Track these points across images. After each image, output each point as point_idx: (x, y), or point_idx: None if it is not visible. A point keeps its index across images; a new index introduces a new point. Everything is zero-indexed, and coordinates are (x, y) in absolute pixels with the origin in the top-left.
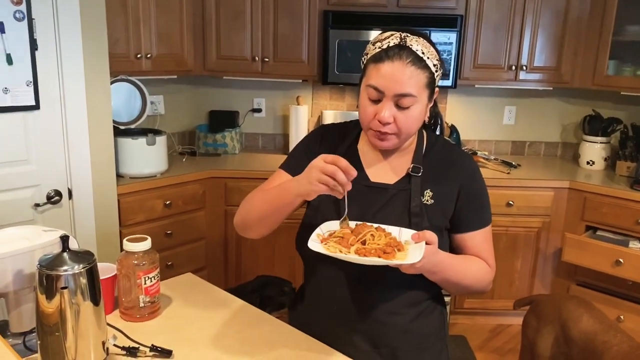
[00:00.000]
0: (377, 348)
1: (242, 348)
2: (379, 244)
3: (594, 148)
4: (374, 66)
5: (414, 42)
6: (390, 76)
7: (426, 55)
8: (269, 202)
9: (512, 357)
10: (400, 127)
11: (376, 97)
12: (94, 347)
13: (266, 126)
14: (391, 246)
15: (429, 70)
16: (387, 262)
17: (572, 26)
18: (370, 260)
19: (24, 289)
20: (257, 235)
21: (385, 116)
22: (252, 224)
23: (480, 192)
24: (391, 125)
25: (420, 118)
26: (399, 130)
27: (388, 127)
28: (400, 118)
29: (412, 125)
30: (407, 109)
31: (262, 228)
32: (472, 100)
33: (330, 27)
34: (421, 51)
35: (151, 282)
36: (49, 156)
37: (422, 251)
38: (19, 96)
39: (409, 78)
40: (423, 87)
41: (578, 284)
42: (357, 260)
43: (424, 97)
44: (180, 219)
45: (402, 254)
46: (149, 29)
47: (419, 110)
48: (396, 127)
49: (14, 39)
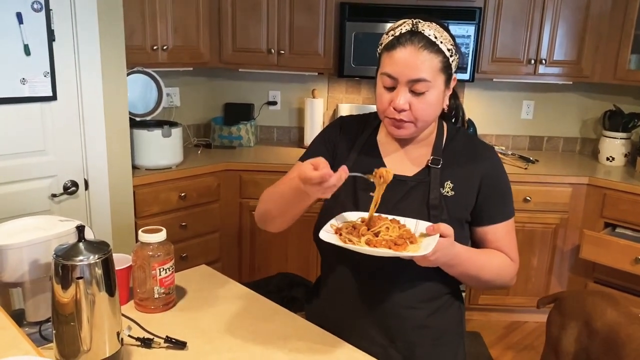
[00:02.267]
0: (393, 342)
1: (256, 341)
2: (391, 236)
3: (614, 144)
4: (387, 54)
5: (426, 27)
6: (403, 62)
7: (439, 40)
8: (285, 197)
9: (527, 354)
10: (416, 113)
11: (390, 84)
12: (109, 337)
13: (281, 119)
14: (403, 238)
15: (442, 55)
16: (397, 254)
17: (593, 19)
18: (380, 251)
19: (40, 279)
20: (277, 229)
21: (400, 103)
22: (271, 218)
23: (502, 183)
24: (407, 113)
25: (437, 105)
26: (415, 117)
27: (404, 115)
28: (415, 104)
29: (428, 112)
30: (422, 95)
31: (282, 222)
32: (489, 94)
33: (347, 19)
34: (433, 35)
35: (166, 273)
36: (65, 147)
37: (434, 244)
38: (36, 87)
39: (422, 62)
40: (437, 71)
41: (595, 281)
42: (367, 251)
43: (439, 82)
44: (195, 211)
45: (414, 246)
46: (165, 20)
47: (434, 96)
48: (412, 114)
49: (32, 29)
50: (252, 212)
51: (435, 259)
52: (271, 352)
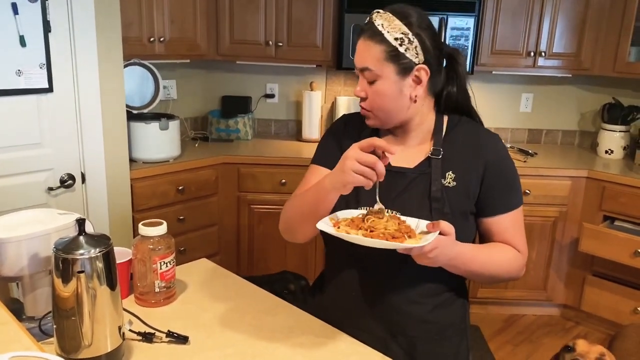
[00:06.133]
0: (394, 337)
1: (258, 335)
2: (388, 230)
3: (613, 137)
4: None
5: (378, 17)
6: (357, 52)
7: (386, 29)
8: (308, 203)
9: (526, 347)
10: (370, 102)
11: (357, 74)
12: (110, 331)
13: (279, 112)
14: (401, 232)
15: (387, 44)
16: (393, 245)
17: (593, 11)
18: (375, 242)
19: (40, 273)
20: (304, 239)
21: (357, 89)
22: (295, 228)
23: (507, 171)
24: (365, 102)
25: (392, 95)
26: (370, 106)
27: (363, 103)
28: (369, 94)
29: (382, 102)
30: (373, 84)
31: (307, 230)
32: (488, 86)
33: (346, 11)
34: (381, 25)
35: (167, 267)
36: (62, 140)
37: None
38: (32, 78)
39: (365, 51)
40: (382, 60)
41: (594, 274)
42: (362, 241)
43: (387, 71)
44: (193, 204)
45: (412, 240)
46: (162, 12)
47: (385, 86)
48: (368, 103)
49: (27, 20)
50: (251, 205)
51: (434, 257)
52: (274, 345)
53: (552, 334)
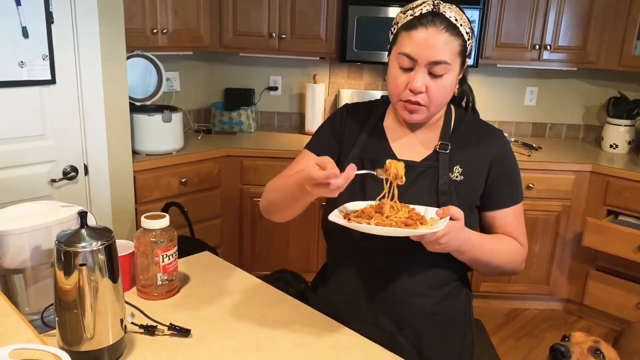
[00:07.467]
0: (401, 329)
1: (261, 328)
2: (400, 218)
3: (618, 131)
4: (407, 34)
5: (447, 9)
6: (424, 43)
7: (459, 22)
8: (289, 191)
9: (528, 341)
10: (431, 97)
11: (408, 65)
12: (112, 324)
13: (282, 104)
14: (413, 219)
15: (462, 38)
16: (408, 232)
17: (599, 4)
18: (390, 230)
19: (42, 265)
20: (282, 220)
21: (418, 85)
22: (275, 210)
23: (511, 167)
24: (423, 95)
25: (451, 89)
26: (430, 101)
27: (420, 97)
28: (432, 87)
29: (443, 96)
30: (440, 78)
31: (286, 214)
32: (493, 80)
33: (350, 2)
34: (454, 18)
35: (169, 260)
36: (65, 131)
37: (445, 225)
38: (35, 70)
39: (444, 44)
40: (456, 54)
41: (598, 269)
42: (377, 230)
43: (456, 65)
44: (195, 197)
45: (424, 227)
46: (165, 3)
47: (451, 79)
48: (427, 97)
49: (30, 11)
50: (254, 198)
51: (446, 243)
52: (276, 339)
53: (554, 328)
